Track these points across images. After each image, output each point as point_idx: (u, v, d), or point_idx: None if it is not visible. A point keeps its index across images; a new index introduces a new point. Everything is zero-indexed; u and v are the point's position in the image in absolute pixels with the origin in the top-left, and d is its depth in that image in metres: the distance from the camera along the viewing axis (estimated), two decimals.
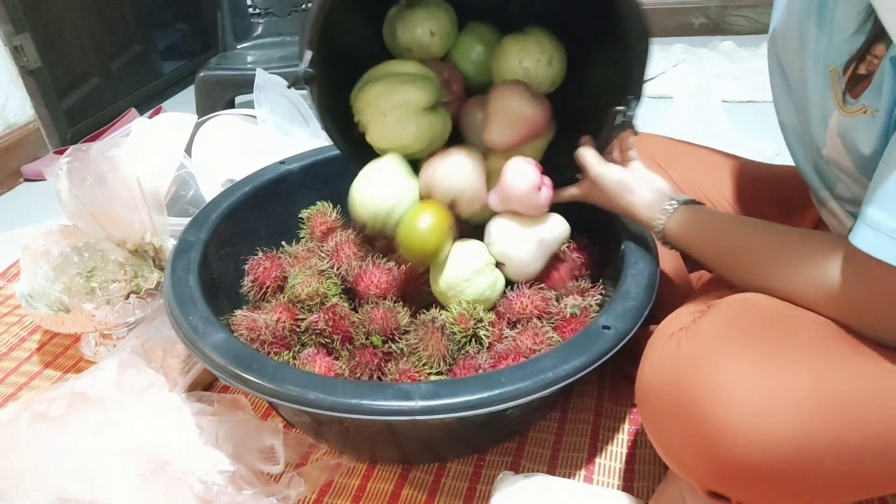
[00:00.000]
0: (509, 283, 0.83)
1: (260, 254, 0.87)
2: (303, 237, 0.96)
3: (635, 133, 0.74)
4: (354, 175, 0.94)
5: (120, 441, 0.70)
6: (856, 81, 0.53)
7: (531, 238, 0.79)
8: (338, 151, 0.97)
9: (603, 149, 0.76)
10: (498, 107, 0.80)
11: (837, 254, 0.52)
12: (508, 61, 0.82)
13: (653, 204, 0.70)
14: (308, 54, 0.75)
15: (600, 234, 0.83)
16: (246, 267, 0.87)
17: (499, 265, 0.81)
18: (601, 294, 0.79)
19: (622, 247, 0.76)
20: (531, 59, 0.81)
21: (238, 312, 0.80)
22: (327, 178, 0.99)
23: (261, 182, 0.93)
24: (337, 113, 0.87)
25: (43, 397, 0.73)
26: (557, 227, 0.80)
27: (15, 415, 0.72)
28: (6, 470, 0.69)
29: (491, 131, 0.80)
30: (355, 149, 0.87)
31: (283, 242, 0.94)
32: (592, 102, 0.79)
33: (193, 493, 0.68)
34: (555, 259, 0.83)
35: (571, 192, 0.79)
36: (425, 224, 0.75)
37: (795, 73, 0.61)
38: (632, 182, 0.72)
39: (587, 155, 0.75)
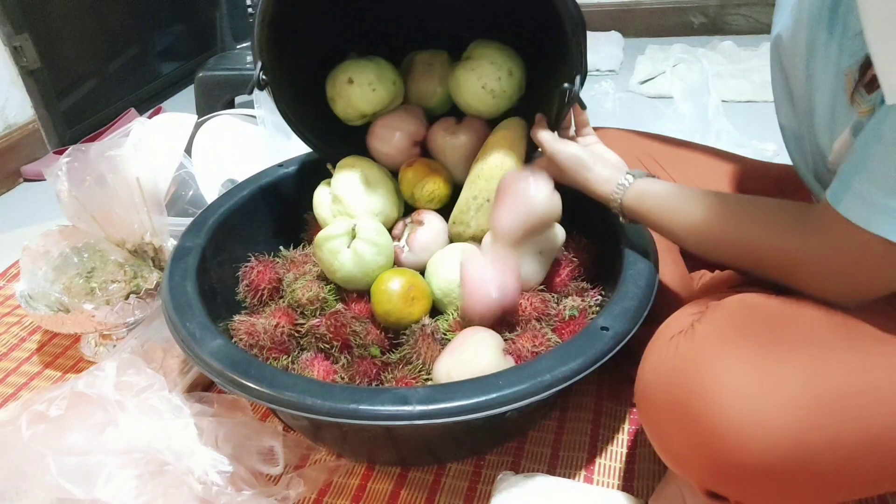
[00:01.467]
0: None
1: (253, 260, 0.87)
2: (304, 240, 0.96)
3: (583, 107, 0.76)
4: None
5: (119, 441, 0.70)
6: (872, 85, 0.52)
7: (530, 252, 0.78)
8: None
9: (556, 126, 0.79)
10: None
11: (805, 219, 0.54)
12: (471, 89, 0.84)
13: (609, 179, 0.71)
14: (258, 64, 0.78)
15: (599, 233, 0.83)
16: (240, 274, 0.87)
17: None
18: (600, 295, 0.79)
19: (621, 246, 0.76)
20: (491, 78, 0.83)
21: (236, 317, 0.80)
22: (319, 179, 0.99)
23: (259, 186, 0.93)
24: (308, 108, 0.88)
25: (42, 397, 0.73)
26: (554, 236, 0.80)
27: (15, 415, 0.72)
28: (6, 470, 0.69)
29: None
30: (328, 143, 0.90)
31: (282, 247, 0.94)
32: (550, 85, 0.81)
33: (193, 493, 0.68)
34: (555, 263, 0.83)
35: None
36: (396, 286, 0.76)
37: (800, 80, 0.61)
38: (586, 158, 0.73)
39: (542, 133, 0.77)
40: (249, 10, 1.84)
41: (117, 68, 2.03)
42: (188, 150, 1.14)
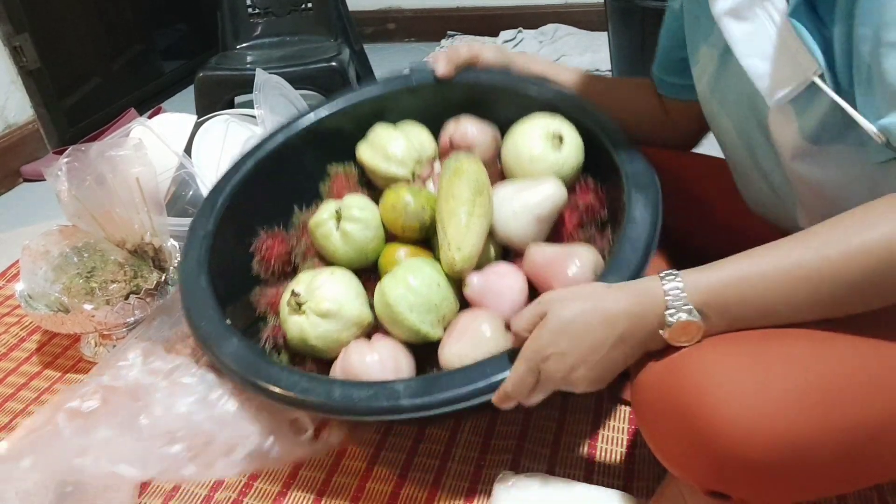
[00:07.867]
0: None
1: (262, 234, 0.86)
2: (323, 192, 0.93)
3: None
4: (355, 130, 0.92)
5: (159, 425, 0.73)
6: None
7: (527, 216, 0.77)
8: (330, 112, 0.94)
9: None
10: None
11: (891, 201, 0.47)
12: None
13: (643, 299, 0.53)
14: None
15: (605, 175, 0.79)
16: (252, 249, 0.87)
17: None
18: (609, 241, 0.76)
19: (624, 197, 0.71)
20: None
21: (256, 289, 0.83)
22: (328, 135, 0.95)
23: (263, 154, 0.90)
24: None
25: (72, 395, 0.76)
26: (552, 198, 0.77)
27: (49, 416, 0.74)
28: (52, 467, 0.71)
29: None
30: None
31: (296, 207, 0.91)
32: None
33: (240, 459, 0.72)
34: (559, 216, 0.79)
35: None
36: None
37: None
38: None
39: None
40: (249, 10, 1.84)
41: (118, 68, 2.04)
42: (188, 150, 1.14)
